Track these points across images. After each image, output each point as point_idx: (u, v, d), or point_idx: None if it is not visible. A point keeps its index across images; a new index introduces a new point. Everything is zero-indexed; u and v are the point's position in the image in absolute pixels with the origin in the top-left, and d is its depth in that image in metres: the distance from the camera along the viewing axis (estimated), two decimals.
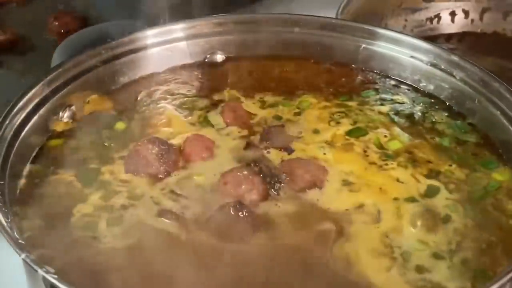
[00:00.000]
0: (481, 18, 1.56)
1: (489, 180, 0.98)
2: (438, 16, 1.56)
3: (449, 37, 1.57)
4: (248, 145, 1.04)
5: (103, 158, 1.01)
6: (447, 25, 1.57)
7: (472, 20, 1.56)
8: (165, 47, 1.17)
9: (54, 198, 0.95)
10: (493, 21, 1.56)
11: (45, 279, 0.80)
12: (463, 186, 0.97)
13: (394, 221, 0.92)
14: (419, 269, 0.87)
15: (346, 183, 0.97)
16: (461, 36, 1.57)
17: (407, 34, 1.17)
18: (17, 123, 1.00)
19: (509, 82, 1.21)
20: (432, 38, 1.53)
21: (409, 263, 0.87)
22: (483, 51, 1.53)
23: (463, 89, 1.08)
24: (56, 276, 0.79)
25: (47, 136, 1.04)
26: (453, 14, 1.56)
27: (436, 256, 0.88)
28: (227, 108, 1.09)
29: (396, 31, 1.19)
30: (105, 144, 1.03)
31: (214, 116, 1.08)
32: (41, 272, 0.79)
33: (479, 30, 1.57)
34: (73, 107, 1.07)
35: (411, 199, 0.95)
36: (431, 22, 1.56)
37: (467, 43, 1.56)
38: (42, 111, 1.04)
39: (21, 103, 1.01)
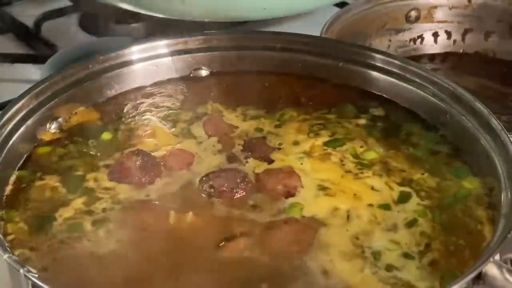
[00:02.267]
0: (463, 39, 1.60)
1: (459, 188, 1.01)
2: (421, 37, 1.60)
3: (432, 57, 1.60)
4: (230, 157, 1.07)
5: (89, 166, 1.05)
6: (430, 46, 1.61)
7: (455, 41, 1.60)
8: (151, 62, 1.21)
9: (38, 202, 0.99)
10: (475, 42, 1.60)
11: (26, 279, 0.83)
12: (434, 193, 1.01)
13: (365, 224, 0.96)
14: (389, 267, 0.90)
15: (321, 188, 1.01)
16: (444, 57, 1.60)
17: (382, 52, 1.21)
18: (5, 133, 1.03)
19: (490, 100, 1.26)
20: (416, 58, 1.57)
21: (379, 262, 0.90)
22: (466, 71, 1.57)
23: (436, 104, 1.12)
24: (36, 275, 0.82)
25: (34, 145, 1.07)
26: (436, 35, 1.60)
27: (406, 256, 0.91)
28: (208, 121, 1.13)
29: (371, 49, 1.22)
30: (91, 153, 1.07)
31: (197, 128, 1.12)
32: (22, 272, 0.82)
33: (461, 51, 1.60)
34: (60, 119, 1.11)
35: (385, 206, 0.98)
36: (415, 42, 1.60)
37: (450, 63, 1.59)
38: (29, 122, 1.07)
39: (8, 114, 1.04)
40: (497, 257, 0.87)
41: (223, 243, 0.92)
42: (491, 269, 0.85)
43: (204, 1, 1.12)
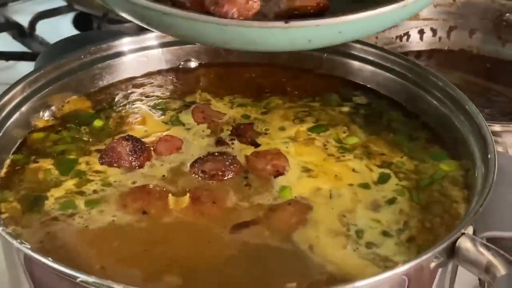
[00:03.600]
0: (448, 36, 1.63)
1: (436, 170, 1.05)
2: (407, 34, 1.63)
3: (418, 54, 1.63)
4: (218, 141, 1.11)
5: (81, 151, 1.09)
6: (416, 43, 1.64)
7: (440, 38, 1.63)
8: (142, 53, 1.25)
9: (32, 183, 1.03)
10: (459, 39, 1.63)
11: (19, 252, 0.86)
12: (412, 175, 1.05)
13: (348, 202, 1.00)
14: (369, 244, 0.94)
15: (305, 169, 1.05)
16: (430, 53, 1.63)
17: (364, 43, 1.24)
18: None
19: (474, 95, 1.29)
20: None
21: (361, 240, 0.94)
22: (451, 67, 1.60)
23: (416, 92, 1.16)
24: (29, 247, 0.86)
25: (28, 131, 1.11)
26: (421, 32, 1.63)
27: (385, 234, 0.95)
28: (196, 109, 1.17)
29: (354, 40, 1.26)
30: (84, 139, 1.11)
31: (185, 116, 1.16)
32: (16, 243, 0.86)
33: (446, 48, 1.64)
34: (53, 107, 1.15)
35: (364, 185, 1.02)
36: (401, 39, 1.63)
37: (435, 60, 1.62)
38: (23, 109, 1.11)
39: (2, 101, 1.08)
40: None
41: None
42: (464, 242, 0.88)
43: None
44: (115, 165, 1.05)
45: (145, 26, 0.95)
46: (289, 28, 0.88)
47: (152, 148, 1.08)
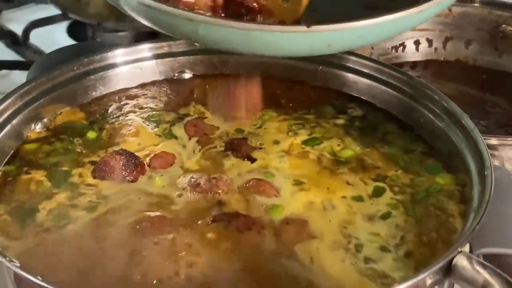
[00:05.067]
0: (444, 47, 1.63)
1: (431, 184, 1.05)
2: (403, 45, 1.63)
3: (414, 64, 1.63)
4: (209, 156, 1.11)
5: (74, 162, 1.08)
6: (412, 53, 1.63)
7: (436, 49, 1.63)
8: (135, 65, 1.24)
9: (23, 195, 1.02)
10: (455, 50, 1.63)
11: (9, 270, 0.85)
12: (407, 188, 1.04)
13: (345, 214, 1.00)
14: (367, 260, 0.93)
15: (297, 183, 1.04)
16: (426, 64, 1.63)
17: (359, 55, 1.23)
18: None
19: (469, 106, 1.29)
20: (398, 66, 1.56)
21: (359, 254, 0.94)
22: (447, 78, 1.59)
23: (411, 105, 1.16)
24: (18, 265, 0.85)
25: (21, 142, 1.11)
26: (417, 43, 1.63)
27: (384, 249, 0.95)
28: (189, 123, 1.17)
29: (349, 52, 1.25)
30: (77, 150, 1.10)
31: (178, 129, 1.15)
32: (5, 261, 0.85)
33: (442, 58, 1.63)
34: (45, 119, 1.14)
35: (358, 198, 1.02)
36: (397, 50, 1.62)
37: (431, 71, 1.62)
38: (14, 121, 1.10)
39: None
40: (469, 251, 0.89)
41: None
42: (461, 260, 0.87)
43: None
44: (107, 179, 1.03)
45: (168, 34, 0.94)
46: (310, 32, 0.88)
47: (145, 163, 1.06)
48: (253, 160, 1.09)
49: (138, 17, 0.94)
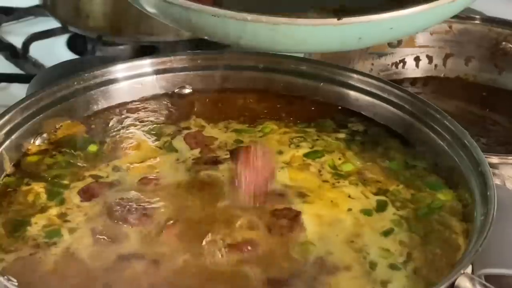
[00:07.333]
0: (444, 64, 1.62)
1: (433, 199, 1.04)
2: (403, 61, 1.62)
3: (414, 81, 1.62)
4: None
5: (75, 176, 1.08)
6: (412, 70, 1.63)
7: (436, 66, 1.63)
8: (136, 80, 1.24)
9: (20, 206, 1.02)
10: (455, 67, 1.62)
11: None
12: (408, 204, 1.04)
13: (351, 227, 1.00)
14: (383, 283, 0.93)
15: (300, 195, 1.04)
16: (426, 81, 1.62)
17: (361, 73, 1.24)
18: None
19: (470, 123, 1.29)
20: (398, 82, 1.58)
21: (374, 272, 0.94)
22: (447, 95, 1.58)
23: (414, 123, 1.16)
24: (16, 283, 0.85)
25: (21, 154, 1.10)
26: (417, 59, 1.62)
27: (393, 267, 0.95)
28: (188, 135, 1.17)
29: (351, 69, 1.26)
30: (78, 164, 1.10)
31: (178, 142, 1.15)
32: (2, 280, 0.84)
33: (442, 75, 1.63)
34: (44, 134, 1.14)
35: (366, 212, 1.02)
36: (397, 66, 1.62)
37: (431, 87, 1.62)
38: (13, 137, 1.10)
39: None
40: (471, 272, 0.89)
41: None
42: (464, 281, 0.87)
43: None
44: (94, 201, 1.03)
45: (190, 32, 0.93)
46: (341, 25, 0.87)
47: None
48: None
49: (164, 18, 0.92)
